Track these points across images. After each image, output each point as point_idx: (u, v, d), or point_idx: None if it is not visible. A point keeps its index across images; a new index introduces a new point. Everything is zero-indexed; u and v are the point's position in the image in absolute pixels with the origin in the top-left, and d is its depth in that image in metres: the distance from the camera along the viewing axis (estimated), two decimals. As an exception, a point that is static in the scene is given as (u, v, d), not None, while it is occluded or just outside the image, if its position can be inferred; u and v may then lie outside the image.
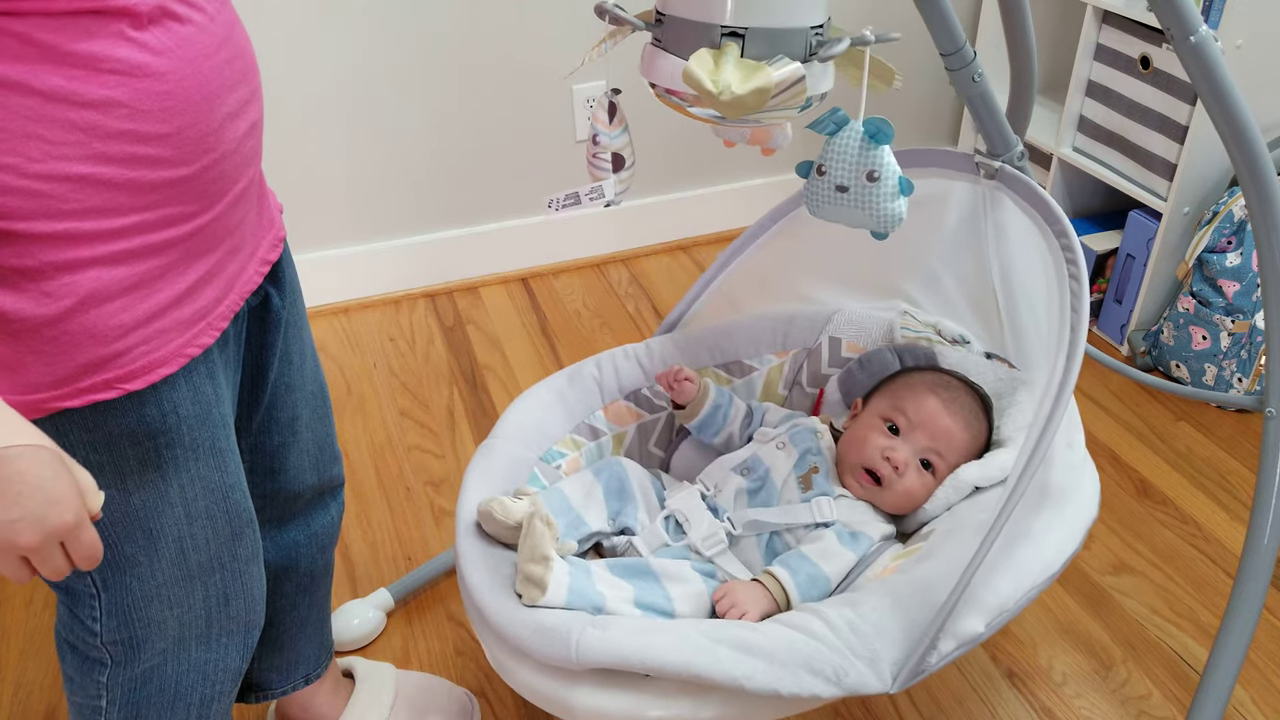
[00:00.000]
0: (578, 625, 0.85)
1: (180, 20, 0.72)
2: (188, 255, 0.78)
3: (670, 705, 0.83)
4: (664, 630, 0.85)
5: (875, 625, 0.87)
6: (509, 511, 0.97)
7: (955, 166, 1.13)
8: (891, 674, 0.85)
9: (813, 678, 0.83)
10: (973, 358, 1.23)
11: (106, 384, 0.75)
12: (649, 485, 1.14)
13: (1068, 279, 0.95)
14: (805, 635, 0.86)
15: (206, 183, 0.76)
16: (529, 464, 1.12)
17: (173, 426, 0.81)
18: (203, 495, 0.87)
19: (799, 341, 1.32)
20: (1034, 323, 1.14)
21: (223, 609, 0.94)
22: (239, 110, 0.78)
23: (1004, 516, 0.86)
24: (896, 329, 1.28)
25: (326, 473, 1.12)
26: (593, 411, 1.21)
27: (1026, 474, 0.86)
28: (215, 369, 0.84)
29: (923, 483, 1.10)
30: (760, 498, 1.10)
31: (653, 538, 1.08)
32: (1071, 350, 0.89)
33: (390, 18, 1.94)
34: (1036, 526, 0.98)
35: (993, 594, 0.92)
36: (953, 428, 1.11)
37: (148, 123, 0.70)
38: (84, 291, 0.72)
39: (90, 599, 0.87)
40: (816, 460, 1.13)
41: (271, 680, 1.18)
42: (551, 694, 0.86)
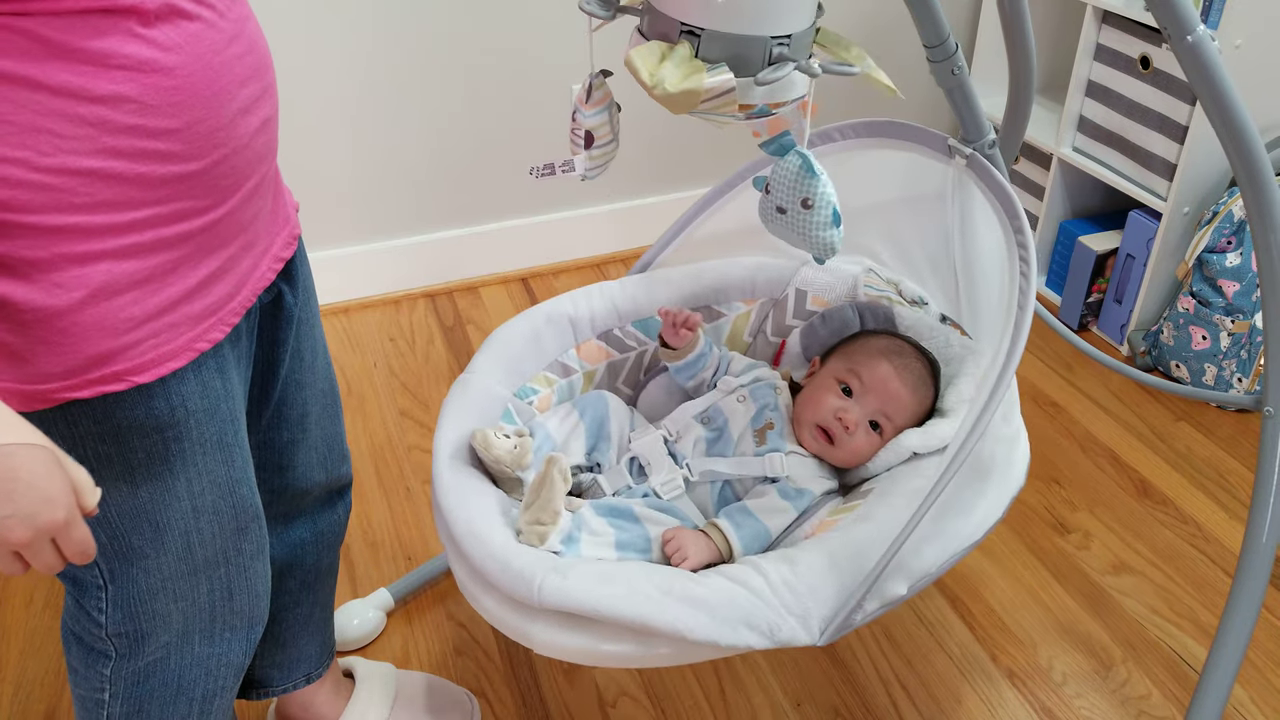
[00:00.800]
0: (541, 570, 0.90)
1: (189, 17, 0.72)
2: (200, 250, 0.78)
3: (620, 643, 0.90)
4: (618, 580, 0.91)
5: (809, 584, 0.93)
6: (489, 446, 1.04)
7: (929, 144, 1.17)
8: (820, 629, 0.93)
9: (749, 631, 0.90)
10: (929, 320, 1.28)
11: (116, 376, 0.76)
12: (625, 424, 1.20)
13: (1019, 275, 0.99)
14: (745, 590, 0.92)
15: (218, 178, 0.77)
16: (503, 400, 1.16)
17: (181, 420, 0.81)
18: (210, 489, 0.87)
19: (766, 291, 1.36)
20: (987, 302, 1.18)
21: (226, 603, 0.95)
22: (251, 106, 0.79)
23: (938, 490, 0.91)
24: (860, 285, 1.33)
25: (335, 471, 1.13)
26: (566, 349, 1.25)
27: (961, 454, 0.92)
28: (226, 364, 0.85)
29: (870, 441, 1.16)
30: (717, 447, 1.16)
31: (616, 478, 1.14)
32: (1013, 345, 0.94)
33: (391, 18, 1.94)
34: (966, 497, 1.04)
35: (918, 560, 0.98)
36: (902, 393, 1.16)
37: (157, 118, 0.71)
38: (95, 284, 0.72)
39: (97, 590, 0.88)
40: (773, 416, 1.18)
41: (273, 678, 1.19)
42: (513, 625, 0.93)
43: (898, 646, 1.45)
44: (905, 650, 1.44)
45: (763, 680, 1.40)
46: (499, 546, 0.94)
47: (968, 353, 1.22)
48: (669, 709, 1.36)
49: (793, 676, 1.40)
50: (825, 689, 1.39)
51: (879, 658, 1.43)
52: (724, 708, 1.36)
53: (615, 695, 1.38)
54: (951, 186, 1.16)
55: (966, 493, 1.04)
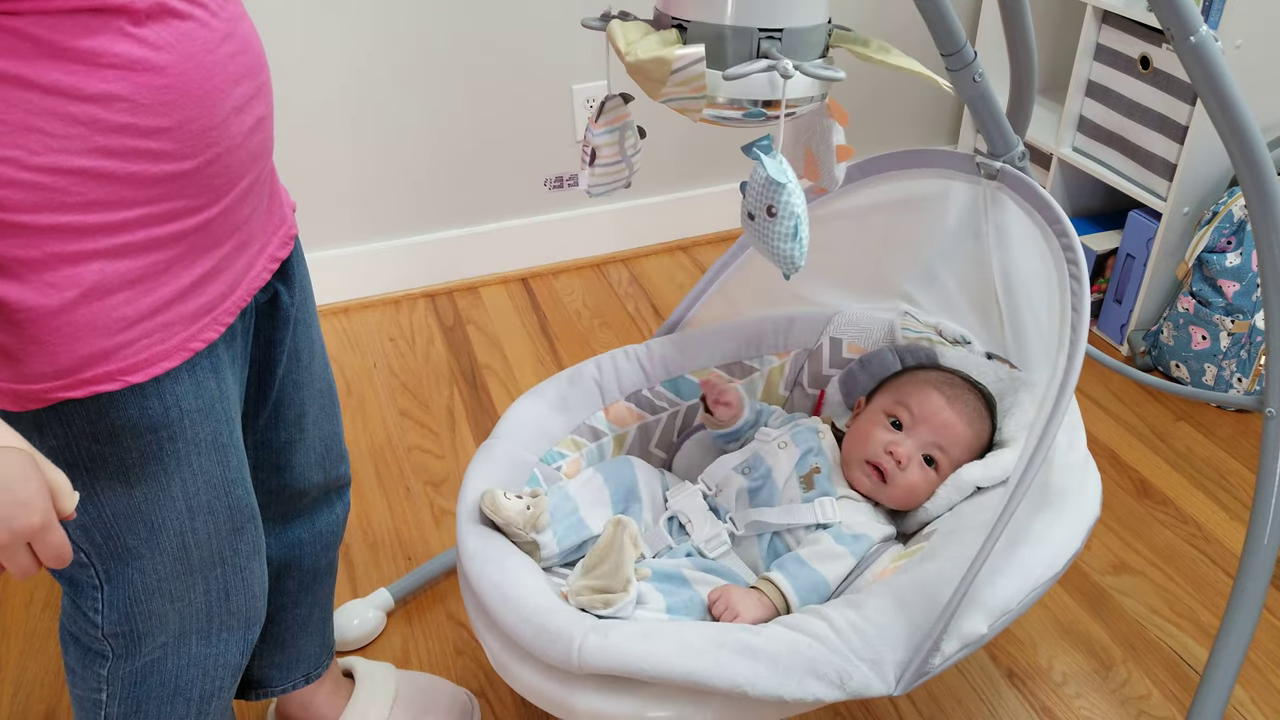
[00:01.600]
0: (580, 630, 0.84)
1: (181, 16, 0.72)
2: (193, 249, 0.78)
3: (671, 707, 0.83)
4: (665, 636, 0.85)
5: (878, 627, 0.86)
6: (498, 508, 0.98)
7: (956, 167, 1.14)
8: (895, 676, 0.85)
9: (816, 681, 0.83)
10: (974, 358, 1.23)
11: (109, 376, 0.76)
12: (656, 485, 1.15)
13: (1069, 279, 0.95)
14: (808, 638, 0.86)
15: (211, 177, 0.77)
16: (529, 465, 1.12)
17: (175, 420, 0.81)
18: (205, 490, 0.87)
19: (799, 342, 1.33)
20: (1035, 323, 1.14)
21: (223, 603, 0.95)
22: (244, 105, 0.78)
23: (1006, 516, 0.86)
24: (897, 330, 1.29)
25: (333, 471, 1.13)
26: (593, 412, 1.21)
27: (1028, 473, 0.86)
28: (220, 364, 0.85)
29: (925, 478, 1.10)
30: (762, 497, 1.10)
31: (656, 539, 1.09)
32: (1073, 350, 0.89)
33: (391, 19, 1.94)
34: (1038, 526, 0.98)
35: (995, 594, 0.92)
36: (955, 423, 1.11)
37: (148, 116, 0.70)
38: (87, 283, 0.72)
39: (93, 590, 0.88)
40: (818, 460, 1.13)
41: (272, 678, 1.19)
42: (552, 695, 0.86)
43: (898, 646, 1.44)
44: (905, 650, 1.44)
45: (763, 680, 1.40)
46: (532, 608, 0.88)
47: (1020, 384, 1.18)
48: (669, 709, 1.36)
49: (793, 676, 1.40)
50: (825, 689, 1.39)
51: (879, 658, 1.43)
52: (724, 708, 1.36)
53: (615, 695, 1.38)
54: (985, 206, 1.12)
55: (1038, 523, 0.98)
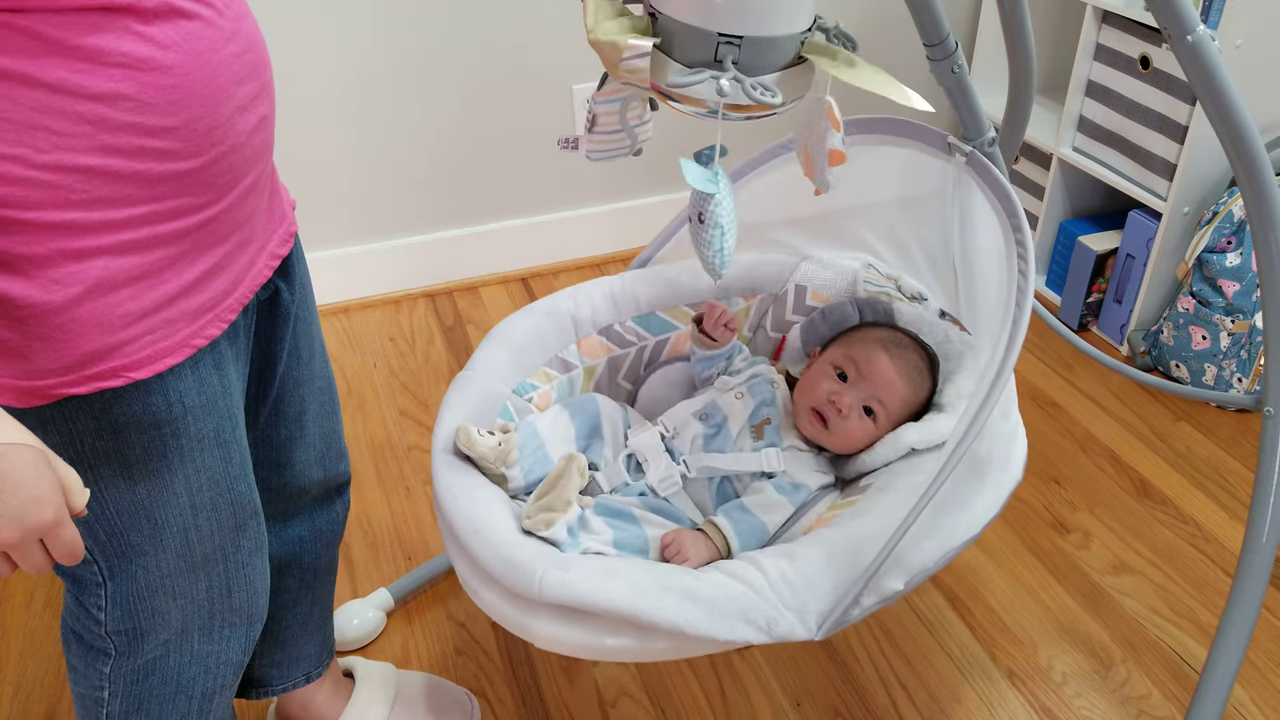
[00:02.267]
0: (542, 564, 0.91)
1: (187, 16, 0.72)
2: (196, 247, 0.78)
3: (620, 638, 0.91)
4: (618, 575, 0.91)
5: (806, 579, 0.93)
6: (472, 444, 1.03)
7: (929, 142, 1.17)
8: (817, 624, 0.93)
9: (746, 626, 0.90)
10: (928, 315, 1.28)
11: (113, 372, 0.76)
12: (619, 422, 1.20)
13: (1016, 273, 1.00)
14: (743, 585, 0.93)
15: (215, 175, 0.77)
16: (502, 396, 1.16)
17: (178, 416, 0.82)
18: (207, 486, 0.87)
19: (765, 287, 1.37)
20: (986, 299, 1.18)
21: (225, 600, 0.95)
22: (248, 104, 0.79)
23: (935, 487, 0.92)
24: (860, 281, 1.33)
25: (333, 469, 1.13)
26: (566, 345, 1.26)
27: (959, 450, 0.92)
28: (223, 361, 0.85)
29: (863, 427, 1.16)
30: (715, 443, 1.16)
31: (614, 475, 1.15)
32: (1010, 344, 0.95)
33: (391, 19, 1.94)
34: (962, 493, 1.04)
35: (916, 555, 0.99)
36: (896, 380, 1.17)
37: (154, 115, 0.71)
38: (92, 280, 0.72)
39: (96, 587, 0.88)
40: (769, 411, 1.19)
41: (272, 677, 1.19)
42: (514, 619, 0.93)
43: (898, 646, 1.45)
44: (905, 650, 1.44)
45: (762, 680, 1.40)
46: (500, 541, 0.95)
47: (966, 348, 1.23)
48: (669, 709, 1.36)
49: (792, 676, 1.40)
50: (825, 689, 1.39)
51: (879, 658, 1.43)
52: (724, 707, 1.36)
53: (615, 695, 1.38)
54: (951, 184, 1.17)
55: (964, 489, 1.04)
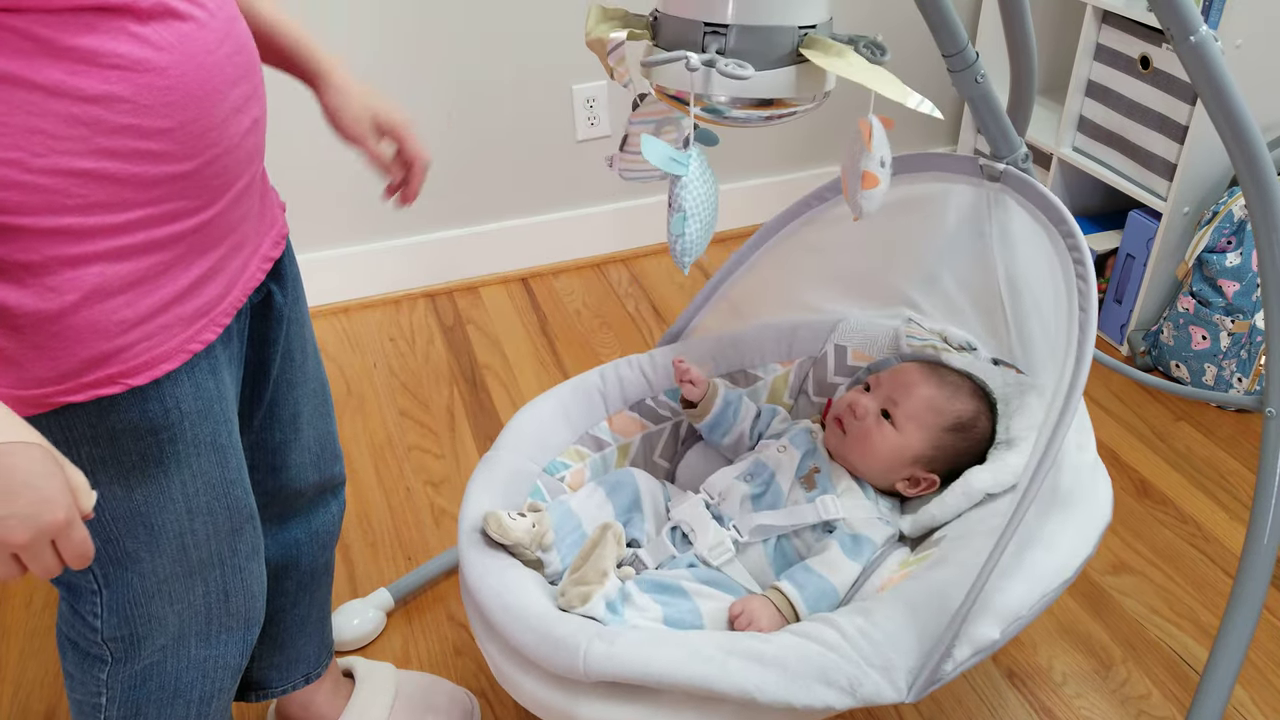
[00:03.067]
0: (585, 637, 0.84)
1: (181, 17, 0.72)
2: (191, 251, 0.78)
3: (680, 712, 0.82)
4: (672, 642, 0.84)
5: (888, 633, 0.86)
6: (505, 531, 0.97)
7: (958, 170, 1.13)
8: (907, 683, 0.85)
9: (826, 688, 0.82)
10: (980, 364, 1.23)
11: (110, 379, 0.76)
12: (658, 496, 1.15)
13: (1075, 279, 0.94)
14: (818, 645, 0.85)
15: (209, 178, 0.77)
16: (532, 476, 1.11)
17: (175, 422, 0.81)
18: (204, 491, 0.87)
19: (804, 350, 1.32)
20: (1041, 326, 1.14)
21: (223, 605, 0.94)
22: (241, 106, 0.79)
23: (1016, 519, 0.85)
24: (902, 337, 1.28)
25: (328, 470, 1.13)
26: (597, 423, 1.21)
27: (1038, 477, 0.85)
28: (218, 365, 0.85)
29: (880, 431, 1.11)
30: (765, 501, 1.10)
31: (659, 550, 1.08)
32: (1080, 351, 0.89)
33: (392, 18, 1.94)
34: (1048, 530, 0.98)
35: (1006, 600, 0.91)
36: (919, 384, 1.12)
37: (150, 118, 0.71)
38: (88, 287, 0.72)
39: (92, 595, 0.88)
40: (816, 461, 1.14)
41: (271, 679, 1.18)
42: (557, 705, 0.85)
43: (898, 646, 1.44)
44: (905, 650, 1.44)
45: (763, 680, 1.40)
46: (536, 617, 0.87)
47: (1027, 387, 1.17)
48: (669, 709, 1.36)
49: (793, 677, 1.40)
50: (825, 689, 1.38)
51: (879, 658, 1.43)
52: (724, 708, 1.36)
53: (615, 695, 1.38)
54: (987, 209, 1.12)
55: (1048, 526, 0.97)
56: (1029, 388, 1.17)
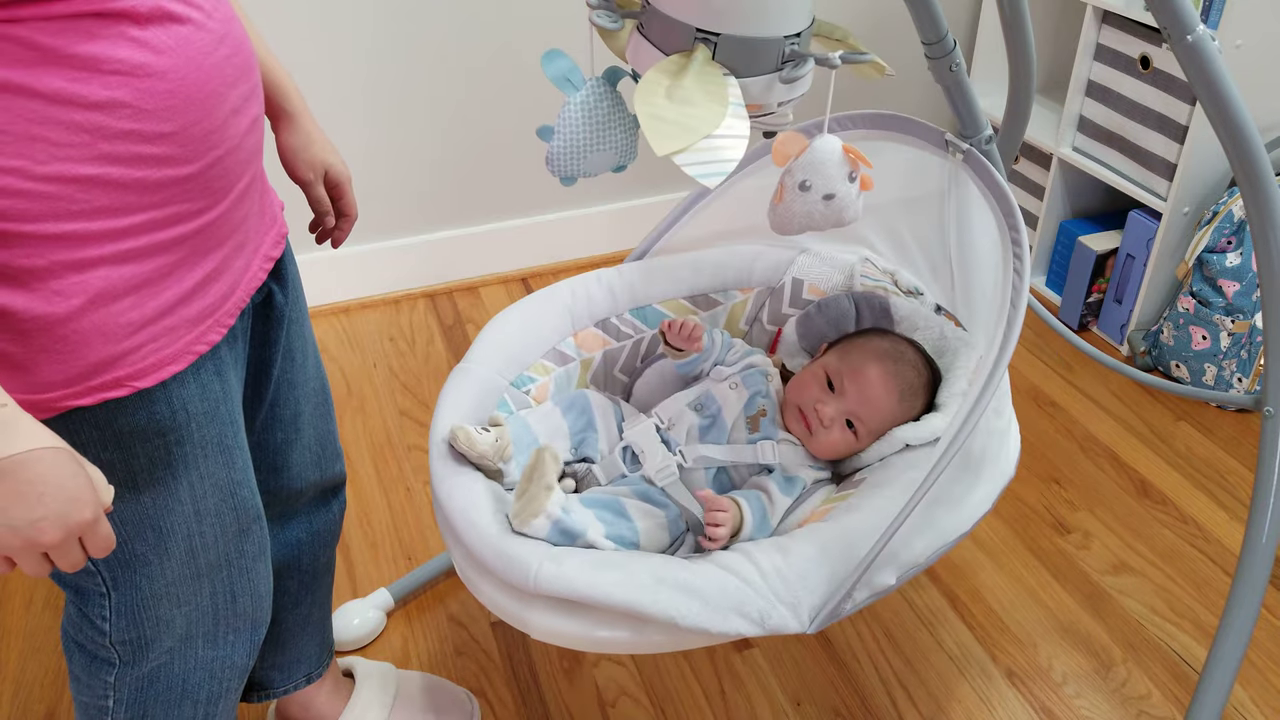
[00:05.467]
0: (536, 558, 0.92)
1: (179, 20, 0.72)
2: (194, 252, 0.78)
3: (615, 630, 0.92)
4: (613, 567, 0.92)
5: (800, 572, 0.94)
6: (473, 443, 1.04)
7: (926, 138, 1.17)
8: (810, 617, 0.94)
9: (740, 619, 0.91)
10: (924, 310, 1.28)
11: (117, 382, 0.76)
12: (611, 416, 1.21)
13: (1013, 273, 1.00)
14: (737, 579, 0.93)
15: (211, 179, 0.77)
16: (500, 389, 1.17)
17: (182, 424, 0.82)
18: (212, 493, 0.87)
19: (763, 280, 1.37)
20: (983, 296, 1.19)
21: (230, 606, 0.95)
22: (240, 106, 0.79)
23: (928, 483, 0.93)
24: (857, 275, 1.33)
25: (329, 470, 1.13)
26: (563, 337, 1.26)
27: (952, 448, 0.93)
28: (223, 366, 0.85)
29: (844, 439, 1.16)
30: (711, 434, 1.16)
31: (610, 468, 1.15)
32: (1005, 342, 0.96)
33: (390, 18, 1.94)
34: (957, 490, 1.05)
35: (908, 551, 1.00)
36: (882, 400, 1.16)
37: (152, 122, 0.71)
38: (94, 290, 0.72)
39: (100, 598, 0.88)
40: (765, 403, 1.19)
41: (273, 679, 1.19)
42: (511, 610, 0.94)
43: (898, 646, 1.45)
44: (905, 650, 1.44)
45: (763, 680, 1.40)
46: (495, 535, 0.96)
47: (962, 345, 1.23)
48: (669, 709, 1.36)
49: (793, 676, 1.40)
50: (825, 689, 1.39)
51: (879, 658, 1.43)
52: (724, 707, 1.36)
53: (615, 695, 1.38)
54: (948, 182, 1.17)
55: (957, 486, 1.05)
56: (963, 344, 1.23)
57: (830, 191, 0.89)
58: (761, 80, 0.81)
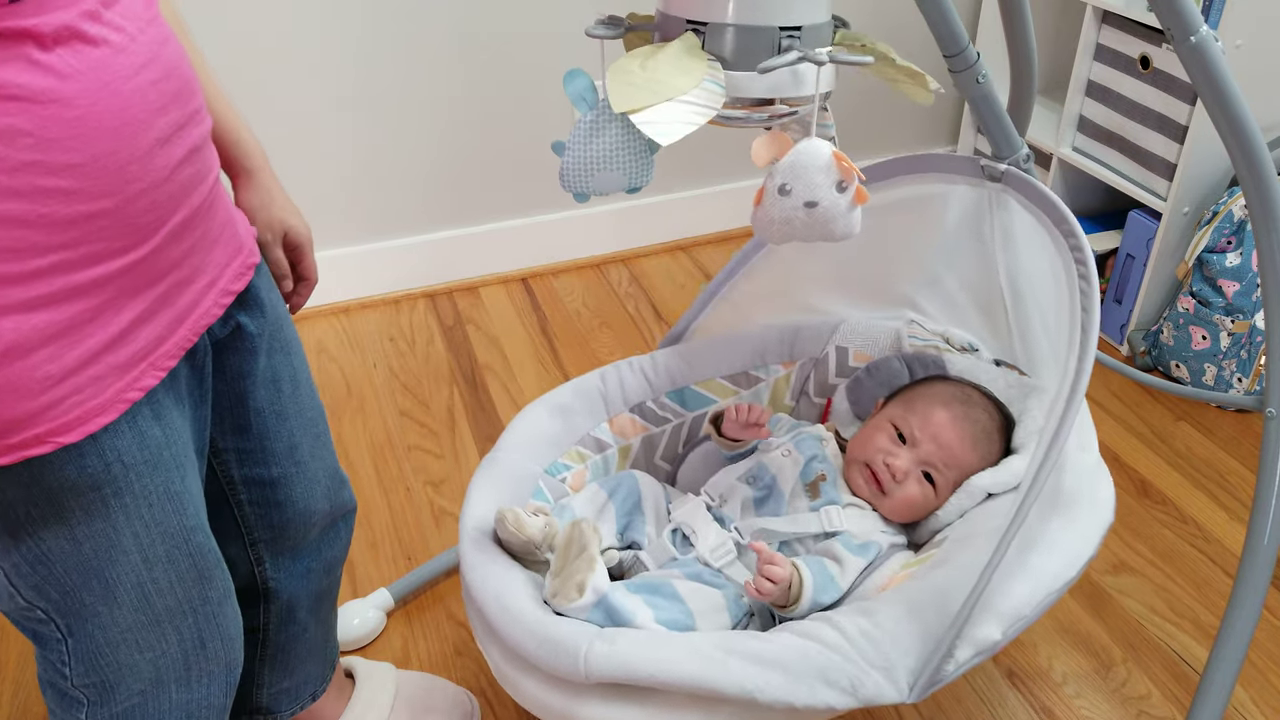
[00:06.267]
0: (585, 638, 0.84)
1: (91, 41, 0.66)
2: (121, 294, 0.72)
3: (683, 712, 0.82)
4: (674, 643, 0.84)
5: (890, 634, 0.86)
6: (523, 526, 0.96)
7: (959, 171, 1.13)
8: (909, 683, 0.85)
9: (828, 689, 0.82)
10: (982, 365, 1.22)
11: (38, 439, 0.70)
12: (660, 498, 1.14)
13: (1077, 279, 0.94)
14: (819, 644, 0.85)
15: (134, 215, 0.70)
16: (534, 477, 1.11)
17: (118, 475, 0.77)
18: (160, 540, 0.83)
19: (805, 352, 1.32)
20: (1043, 326, 1.13)
21: (199, 652, 0.91)
22: (171, 135, 0.72)
23: (1018, 521, 0.85)
24: (904, 338, 1.28)
25: (338, 498, 1.09)
26: (598, 424, 1.21)
27: (1040, 478, 0.85)
28: (163, 410, 0.80)
29: (923, 493, 1.09)
30: (768, 506, 1.09)
31: (660, 552, 1.08)
32: (1083, 352, 0.88)
33: (390, 17, 1.94)
34: (1050, 531, 0.98)
35: (1008, 600, 0.91)
36: (957, 445, 1.10)
37: (57, 152, 0.64)
38: (3, 344, 0.66)
39: (57, 643, 0.84)
40: (823, 468, 1.12)
41: (281, 704, 1.17)
42: (559, 707, 0.85)
43: (898, 647, 1.44)
44: (906, 650, 1.44)
45: (763, 680, 1.40)
46: (536, 620, 0.87)
47: (1030, 390, 1.16)
48: (669, 709, 1.36)
49: (793, 677, 1.40)
50: (826, 689, 1.38)
51: (879, 658, 1.43)
52: (724, 708, 1.36)
53: (615, 695, 1.38)
54: (988, 210, 1.12)
55: (1051, 527, 0.98)
56: (1030, 390, 1.17)
57: (812, 199, 0.83)
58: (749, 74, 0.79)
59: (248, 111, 0.97)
